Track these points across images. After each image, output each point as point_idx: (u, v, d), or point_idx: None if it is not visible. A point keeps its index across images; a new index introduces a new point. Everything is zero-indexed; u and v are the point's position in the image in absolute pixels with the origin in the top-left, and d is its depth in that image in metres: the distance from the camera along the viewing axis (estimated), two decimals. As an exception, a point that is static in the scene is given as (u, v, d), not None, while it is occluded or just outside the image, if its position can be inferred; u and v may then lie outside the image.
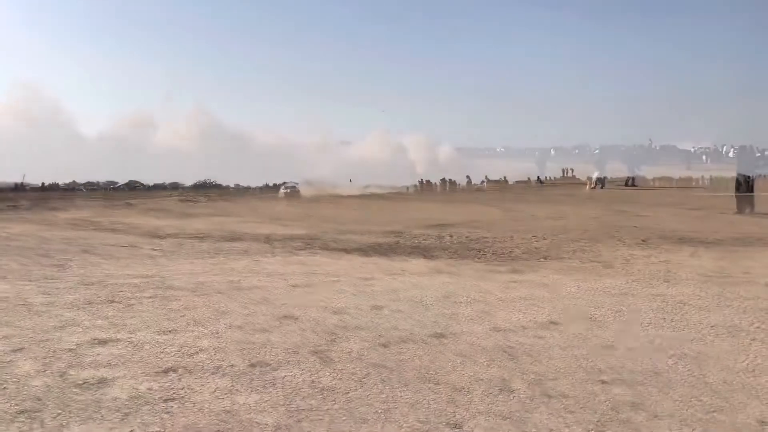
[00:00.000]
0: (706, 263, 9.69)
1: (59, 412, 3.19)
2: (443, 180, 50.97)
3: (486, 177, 52.90)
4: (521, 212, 23.61)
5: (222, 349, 4.46)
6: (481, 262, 9.95)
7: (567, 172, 56.24)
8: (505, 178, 53.27)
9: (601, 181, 43.38)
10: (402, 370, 3.91)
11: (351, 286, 7.28)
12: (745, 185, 22.34)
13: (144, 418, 3.14)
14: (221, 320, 5.43)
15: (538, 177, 53.32)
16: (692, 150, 74.23)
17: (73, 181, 55.19)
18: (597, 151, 65.80)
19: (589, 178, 44.59)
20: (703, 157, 73.09)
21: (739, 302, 6.31)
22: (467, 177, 50.83)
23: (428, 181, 52.95)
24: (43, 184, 42.78)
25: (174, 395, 3.44)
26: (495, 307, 6.05)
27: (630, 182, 44.48)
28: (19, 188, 27.24)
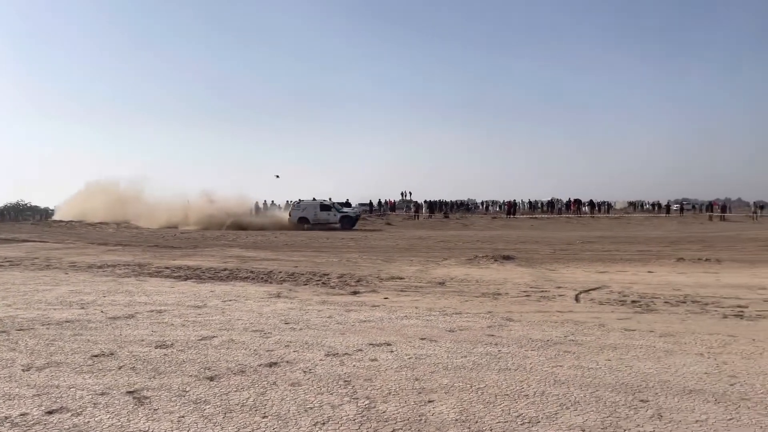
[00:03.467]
0: (527, 279, 10.51)
1: None
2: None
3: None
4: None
5: (15, 395, 3.83)
6: (325, 287, 9.85)
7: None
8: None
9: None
10: (227, 404, 3.63)
11: (180, 316, 6.76)
12: None
13: None
14: (18, 361, 4.70)
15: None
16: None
17: None
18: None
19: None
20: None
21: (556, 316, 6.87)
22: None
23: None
24: None
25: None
26: (332, 330, 5.96)
27: None
28: None
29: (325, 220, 34.95)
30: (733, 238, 24.95)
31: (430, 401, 3.69)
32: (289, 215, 34.99)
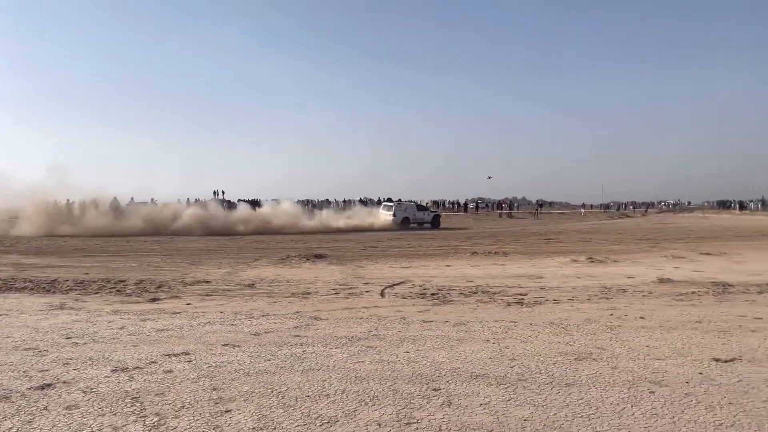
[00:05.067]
0: (337, 276, 10.69)
1: None
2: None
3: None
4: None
5: None
6: (120, 295, 8.99)
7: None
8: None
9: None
10: (-20, 440, 3.08)
11: (-72, 338, 5.65)
12: None
13: None
14: None
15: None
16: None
17: None
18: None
19: None
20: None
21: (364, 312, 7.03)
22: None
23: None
24: None
25: None
26: (123, 343, 5.42)
27: None
28: None
29: (421, 219, 36.58)
30: (518, 233, 28.10)
31: (227, 411, 3.50)
32: (393, 215, 35.34)
